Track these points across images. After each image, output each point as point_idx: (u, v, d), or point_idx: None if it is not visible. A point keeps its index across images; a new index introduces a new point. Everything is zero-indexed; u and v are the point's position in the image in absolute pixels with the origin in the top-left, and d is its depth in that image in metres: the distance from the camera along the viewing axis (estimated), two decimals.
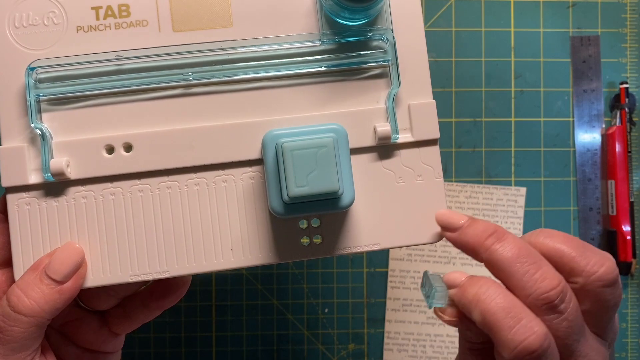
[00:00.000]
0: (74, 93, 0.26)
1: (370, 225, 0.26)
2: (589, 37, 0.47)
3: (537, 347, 0.21)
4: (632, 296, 0.47)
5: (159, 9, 0.26)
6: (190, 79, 0.26)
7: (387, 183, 0.26)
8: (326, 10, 0.26)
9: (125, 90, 0.26)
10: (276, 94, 0.26)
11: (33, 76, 0.25)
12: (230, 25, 0.26)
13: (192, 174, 0.26)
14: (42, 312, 0.23)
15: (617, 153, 0.45)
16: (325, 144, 0.23)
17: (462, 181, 0.46)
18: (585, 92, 0.47)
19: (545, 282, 0.22)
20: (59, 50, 0.25)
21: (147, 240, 0.25)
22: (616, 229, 0.45)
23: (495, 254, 0.23)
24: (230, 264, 0.26)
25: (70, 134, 0.26)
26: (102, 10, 0.26)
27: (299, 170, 0.23)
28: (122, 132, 0.26)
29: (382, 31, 0.26)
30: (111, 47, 0.25)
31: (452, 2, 0.46)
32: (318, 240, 0.26)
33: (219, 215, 0.26)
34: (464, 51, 0.46)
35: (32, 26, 0.25)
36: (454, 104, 0.46)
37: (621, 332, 0.47)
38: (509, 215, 0.46)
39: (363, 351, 0.46)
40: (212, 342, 0.45)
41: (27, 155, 0.25)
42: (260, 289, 0.46)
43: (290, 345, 0.46)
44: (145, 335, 0.45)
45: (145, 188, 0.26)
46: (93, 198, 0.25)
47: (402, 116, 0.26)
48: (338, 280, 0.46)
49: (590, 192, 0.47)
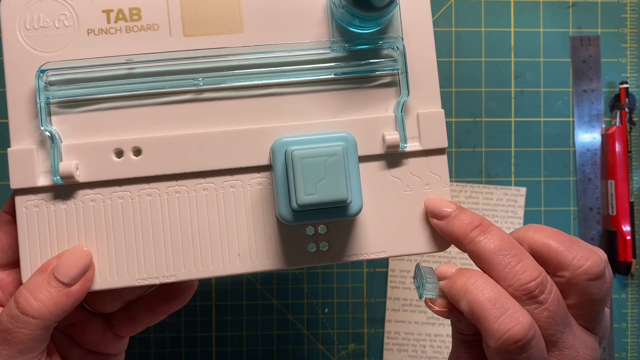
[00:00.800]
0: (84, 96, 0.25)
1: (377, 233, 0.26)
2: (589, 37, 0.47)
3: (521, 337, 0.22)
4: (632, 296, 0.47)
5: (170, 13, 0.26)
6: (200, 84, 0.26)
7: (394, 191, 0.26)
8: (337, 18, 0.26)
9: (135, 94, 0.26)
10: (286, 100, 0.26)
11: (43, 79, 0.25)
12: (242, 31, 0.26)
13: (200, 178, 0.26)
14: (50, 315, 0.23)
15: (617, 153, 0.45)
16: (335, 153, 0.23)
17: (462, 181, 0.46)
18: (585, 92, 0.47)
19: (525, 274, 0.23)
20: (69, 52, 0.25)
21: (154, 244, 0.25)
22: (616, 229, 0.45)
23: (479, 245, 0.24)
24: (237, 269, 0.26)
25: (80, 137, 0.25)
26: (113, 13, 0.25)
27: (309, 178, 0.23)
28: (132, 136, 0.25)
29: (392, 40, 0.26)
30: (122, 50, 0.25)
31: (452, 2, 0.46)
32: (325, 247, 0.26)
33: (227, 220, 0.26)
34: (464, 51, 0.46)
35: (42, 28, 0.25)
36: (454, 104, 0.46)
37: (621, 332, 0.47)
38: (509, 215, 0.46)
39: (363, 351, 0.46)
40: (212, 342, 0.45)
41: (36, 157, 0.25)
42: (260, 289, 0.46)
43: (290, 345, 0.46)
44: (145, 335, 0.45)
45: (154, 192, 0.25)
46: (101, 201, 0.25)
47: (410, 125, 0.26)
48: (338, 280, 0.46)
49: (590, 192, 0.47)
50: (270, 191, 0.26)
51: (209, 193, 0.25)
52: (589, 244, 0.25)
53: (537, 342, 0.22)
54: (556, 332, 0.23)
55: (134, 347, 0.45)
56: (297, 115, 0.26)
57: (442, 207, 0.25)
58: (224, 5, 0.26)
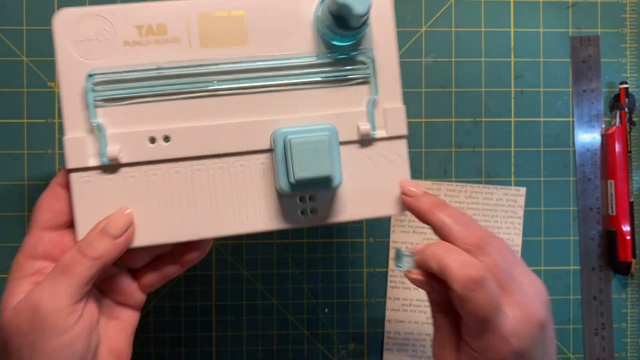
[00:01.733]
0: (124, 94, 0.32)
1: (352, 200, 0.33)
2: (589, 37, 0.47)
3: (478, 276, 0.28)
4: (632, 296, 0.47)
5: (190, 29, 0.32)
6: (215, 85, 0.32)
7: (366, 168, 0.34)
8: (322, 34, 0.33)
9: (164, 93, 0.32)
10: (282, 97, 0.33)
11: (91, 81, 0.32)
12: (247, 43, 0.33)
13: (216, 159, 0.33)
14: (102, 259, 0.30)
15: (617, 153, 0.45)
16: (322, 140, 0.30)
17: (462, 181, 0.46)
18: (585, 92, 0.47)
19: (474, 233, 0.31)
20: (110, 60, 0.32)
21: (181, 210, 0.32)
22: (616, 229, 0.45)
23: (439, 216, 0.32)
24: (246, 228, 0.33)
25: (120, 127, 0.32)
26: (144, 28, 0.32)
27: (303, 159, 0.30)
28: (162, 127, 0.32)
29: (364, 50, 0.33)
30: (151, 58, 0.32)
31: (452, 2, 0.46)
32: (313, 212, 0.33)
33: (237, 191, 0.33)
34: (463, 51, 0.46)
35: (88, 41, 0.32)
36: (453, 104, 0.46)
37: (621, 331, 0.47)
38: (508, 215, 0.46)
39: (363, 351, 0.46)
40: (212, 342, 0.45)
41: (86, 143, 0.32)
42: (260, 289, 0.46)
43: (290, 345, 0.46)
44: (145, 335, 0.45)
45: (180, 170, 0.32)
46: (139, 177, 0.32)
47: (379, 117, 0.33)
48: (338, 280, 0.46)
49: (590, 192, 0.47)
50: (270, 169, 0.33)
51: (223, 170, 0.33)
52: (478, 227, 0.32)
53: (491, 282, 0.29)
54: (504, 276, 0.30)
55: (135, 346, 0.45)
56: (290, 110, 0.33)
57: (413, 188, 0.33)
58: (233, 23, 0.33)
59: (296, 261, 0.46)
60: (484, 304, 0.28)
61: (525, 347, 0.30)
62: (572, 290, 0.47)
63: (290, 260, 0.46)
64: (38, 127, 0.44)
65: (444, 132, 0.46)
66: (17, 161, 0.44)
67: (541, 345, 0.30)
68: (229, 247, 0.46)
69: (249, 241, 0.46)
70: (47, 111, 0.44)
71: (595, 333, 0.47)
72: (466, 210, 0.46)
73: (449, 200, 0.46)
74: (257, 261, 0.46)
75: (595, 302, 0.47)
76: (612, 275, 0.47)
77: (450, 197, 0.46)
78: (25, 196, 0.45)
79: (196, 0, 0.33)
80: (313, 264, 0.46)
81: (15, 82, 0.44)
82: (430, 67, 0.46)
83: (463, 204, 0.46)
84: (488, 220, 0.46)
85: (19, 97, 0.44)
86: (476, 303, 0.29)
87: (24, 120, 0.44)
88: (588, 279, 0.47)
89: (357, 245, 0.46)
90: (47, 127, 0.44)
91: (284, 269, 0.46)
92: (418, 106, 0.46)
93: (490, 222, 0.46)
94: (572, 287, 0.47)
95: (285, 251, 0.46)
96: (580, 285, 0.47)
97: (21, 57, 0.44)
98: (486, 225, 0.46)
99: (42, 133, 0.44)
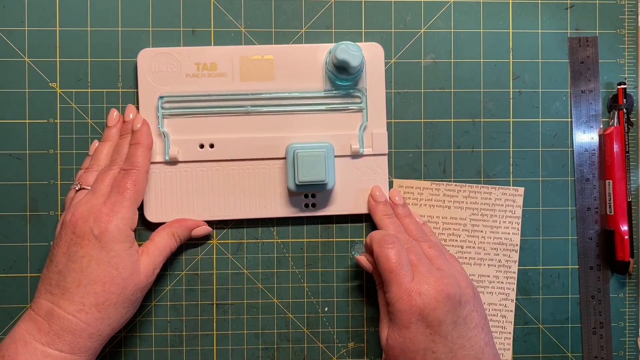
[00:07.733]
0: (183, 112, 0.45)
1: (343, 199, 0.46)
2: (587, 38, 0.47)
3: (389, 237, 0.39)
4: (630, 295, 0.47)
5: (233, 67, 0.45)
6: (248, 108, 0.45)
7: (355, 176, 0.46)
8: (329, 76, 0.45)
9: (212, 112, 0.45)
10: (296, 120, 0.45)
11: (161, 101, 0.44)
12: (273, 79, 0.45)
13: (246, 162, 0.45)
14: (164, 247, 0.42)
15: (615, 153, 0.45)
16: (320, 154, 0.43)
17: (461, 181, 0.47)
18: (583, 93, 0.47)
19: (413, 227, 0.44)
20: (175, 86, 0.45)
21: (219, 197, 0.45)
22: (614, 229, 0.46)
23: (383, 220, 0.44)
24: (263, 213, 0.45)
25: (179, 135, 0.45)
26: (200, 65, 0.45)
27: (305, 167, 0.42)
28: (209, 136, 0.45)
29: (359, 88, 0.45)
30: (205, 87, 0.45)
31: (451, 4, 0.47)
32: (313, 206, 0.45)
33: (259, 186, 0.45)
34: (462, 52, 0.47)
35: (160, 72, 0.45)
36: (452, 104, 0.47)
37: (619, 330, 0.47)
38: (507, 214, 0.46)
39: (363, 349, 0.46)
40: (213, 340, 0.46)
41: (156, 145, 0.44)
42: (260, 288, 0.46)
43: (290, 344, 0.46)
44: (146, 334, 0.45)
45: (220, 168, 0.45)
46: (190, 171, 0.45)
47: (367, 138, 0.45)
48: (338, 279, 0.46)
49: (588, 192, 0.47)
50: (284, 172, 0.45)
51: (250, 171, 0.45)
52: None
53: (400, 246, 0.39)
54: (418, 257, 0.39)
55: (135, 345, 0.45)
56: (302, 129, 0.45)
57: (377, 195, 0.45)
58: (264, 64, 0.45)
59: (296, 260, 0.46)
60: (390, 256, 0.38)
61: (428, 306, 0.36)
62: (571, 289, 0.47)
63: (291, 260, 0.46)
64: (40, 128, 0.45)
65: (443, 132, 0.46)
66: (19, 161, 0.45)
67: (452, 317, 0.36)
68: (230, 246, 0.46)
69: (250, 240, 0.46)
70: (49, 112, 0.45)
71: (594, 332, 0.47)
72: (465, 209, 0.46)
73: (448, 200, 0.46)
74: (258, 260, 0.46)
75: (594, 301, 0.47)
76: (610, 274, 0.47)
77: (449, 197, 0.46)
78: (27, 196, 0.45)
79: (238, 46, 0.45)
80: (313, 263, 0.46)
81: (17, 83, 0.45)
82: (429, 67, 0.47)
83: (462, 204, 0.46)
84: (487, 220, 0.46)
85: (21, 98, 0.45)
86: (385, 255, 0.38)
87: (26, 121, 0.45)
88: (586, 278, 0.47)
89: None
90: (48, 127, 0.45)
91: (285, 268, 0.46)
92: (417, 106, 0.46)
93: (489, 222, 0.46)
94: (570, 286, 0.47)
95: (286, 250, 0.46)
96: (579, 285, 0.47)
97: (23, 57, 0.45)
98: (485, 224, 0.46)
99: (43, 133, 0.45)
